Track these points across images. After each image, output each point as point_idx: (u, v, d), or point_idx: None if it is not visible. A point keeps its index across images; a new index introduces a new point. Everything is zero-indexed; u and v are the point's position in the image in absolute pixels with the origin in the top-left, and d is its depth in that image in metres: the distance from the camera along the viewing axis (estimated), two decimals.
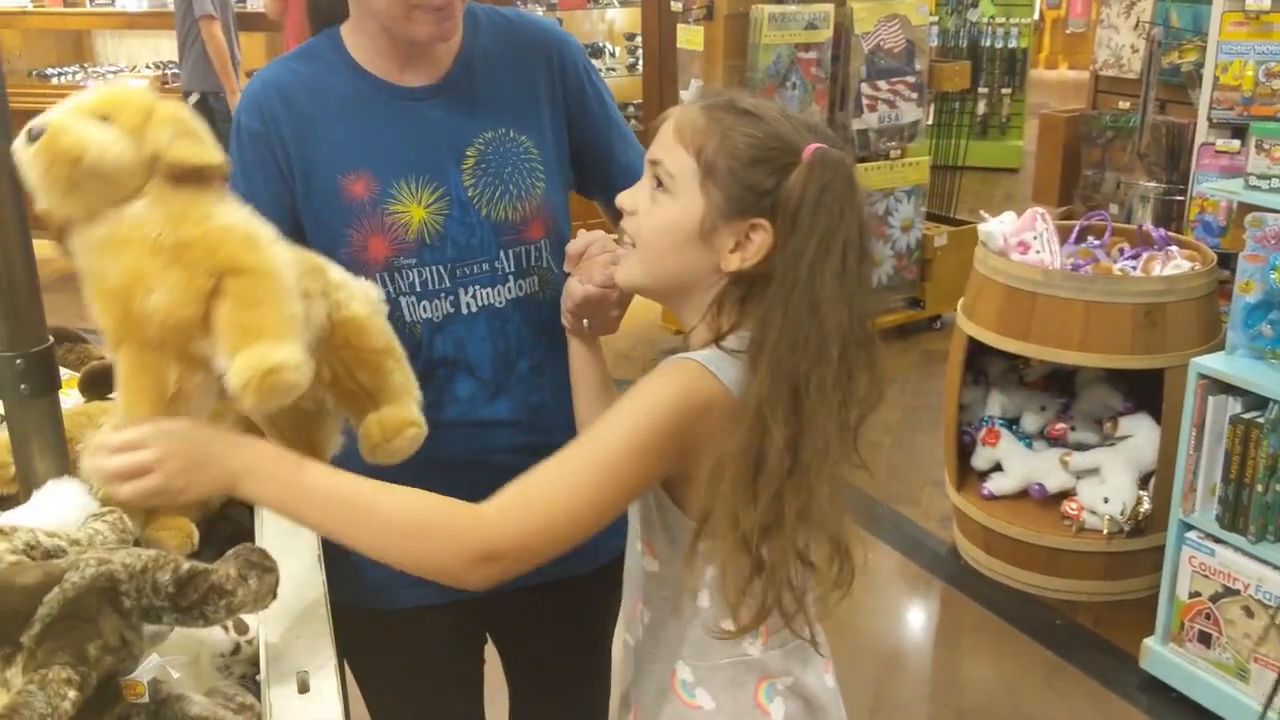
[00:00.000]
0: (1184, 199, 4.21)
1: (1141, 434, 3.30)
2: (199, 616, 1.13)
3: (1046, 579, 3.38)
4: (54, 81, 7.50)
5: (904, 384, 4.94)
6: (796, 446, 1.18)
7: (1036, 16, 10.13)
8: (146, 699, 1.14)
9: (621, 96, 7.09)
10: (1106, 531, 3.29)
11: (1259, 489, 2.66)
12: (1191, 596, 2.85)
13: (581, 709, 1.91)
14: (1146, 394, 3.29)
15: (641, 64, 6.96)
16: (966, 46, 8.35)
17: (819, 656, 1.37)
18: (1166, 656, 2.94)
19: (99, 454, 1.15)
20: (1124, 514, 3.27)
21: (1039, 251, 3.30)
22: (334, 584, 1.50)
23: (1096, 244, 3.47)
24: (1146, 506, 3.26)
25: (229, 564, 1.16)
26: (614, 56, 7.23)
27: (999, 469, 3.52)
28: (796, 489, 1.19)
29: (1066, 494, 3.42)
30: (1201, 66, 4.08)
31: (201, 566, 1.14)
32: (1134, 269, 3.30)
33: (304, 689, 1.20)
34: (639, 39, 6.99)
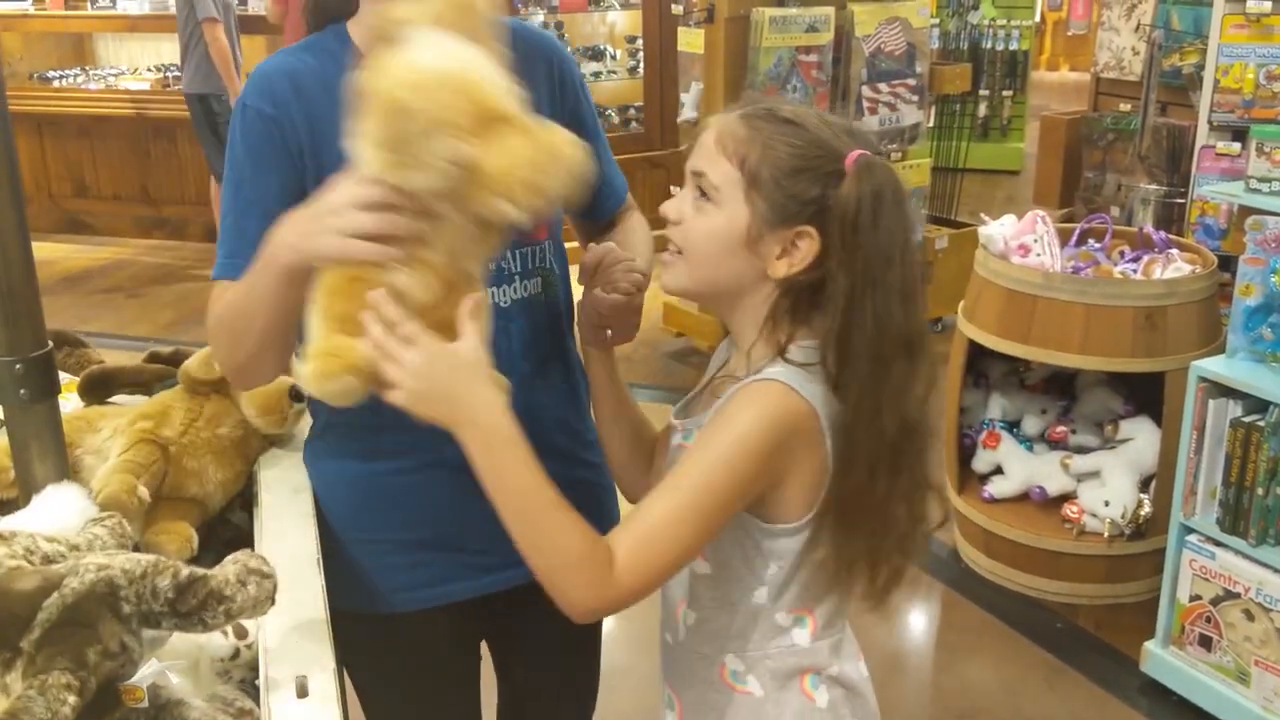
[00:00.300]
0: (1185, 202, 4.21)
1: (1142, 437, 3.30)
2: (198, 622, 1.13)
3: (1047, 582, 3.38)
4: (55, 84, 7.52)
5: None
6: (895, 445, 1.26)
7: (1038, 18, 10.14)
8: (146, 704, 1.14)
9: (622, 99, 7.10)
10: (1107, 534, 3.29)
11: (1259, 492, 2.66)
12: (1192, 600, 2.84)
13: (574, 697, 1.94)
14: (1147, 397, 3.29)
15: (642, 67, 6.96)
16: (967, 49, 8.34)
17: (855, 647, 1.44)
18: (1167, 660, 2.93)
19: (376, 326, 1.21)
20: (1125, 517, 3.27)
21: (1039, 254, 3.30)
22: (331, 588, 1.50)
23: (1097, 247, 3.47)
24: (1147, 509, 3.25)
25: (228, 569, 1.17)
26: (615, 59, 7.23)
27: (1000, 472, 3.51)
28: (894, 483, 1.27)
29: (1067, 497, 3.41)
30: (1202, 69, 4.08)
31: (201, 572, 1.14)
32: (1134, 272, 3.30)
33: (303, 693, 1.21)
34: (640, 42, 7.00)
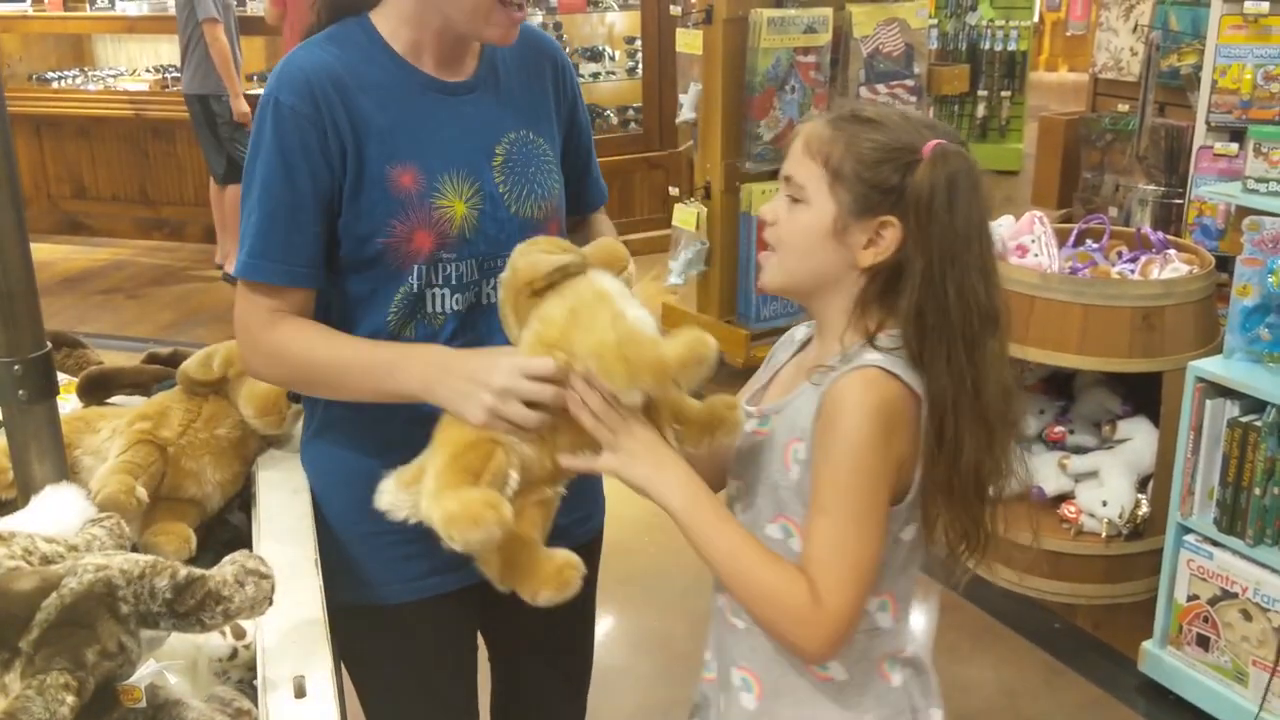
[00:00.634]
0: (1182, 202, 4.21)
1: (1140, 437, 3.30)
2: (196, 622, 1.13)
3: (1045, 582, 3.38)
4: (54, 85, 7.52)
5: None
6: (989, 419, 1.32)
7: (1036, 19, 10.13)
8: (144, 704, 1.14)
9: (621, 100, 7.10)
10: (1105, 534, 3.30)
11: (1257, 492, 2.66)
12: (1189, 599, 2.85)
13: (568, 685, 1.96)
14: (1145, 397, 3.29)
15: (641, 67, 6.96)
16: (966, 49, 8.35)
17: (921, 629, 1.51)
18: (1165, 659, 2.94)
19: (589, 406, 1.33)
20: (1122, 517, 3.27)
21: (1037, 255, 3.31)
22: (330, 584, 1.51)
23: (1095, 247, 3.47)
24: (1145, 510, 3.26)
25: (226, 570, 1.17)
26: (614, 60, 7.23)
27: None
28: (989, 454, 1.33)
29: (1065, 497, 3.42)
30: (1200, 69, 4.08)
31: (199, 573, 1.15)
32: (1132, 272, 3.30)
33: (300, 693, 1.21)
34: (639, 42, 7.00)
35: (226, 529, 1.77)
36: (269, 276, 1.51)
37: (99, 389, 1.87)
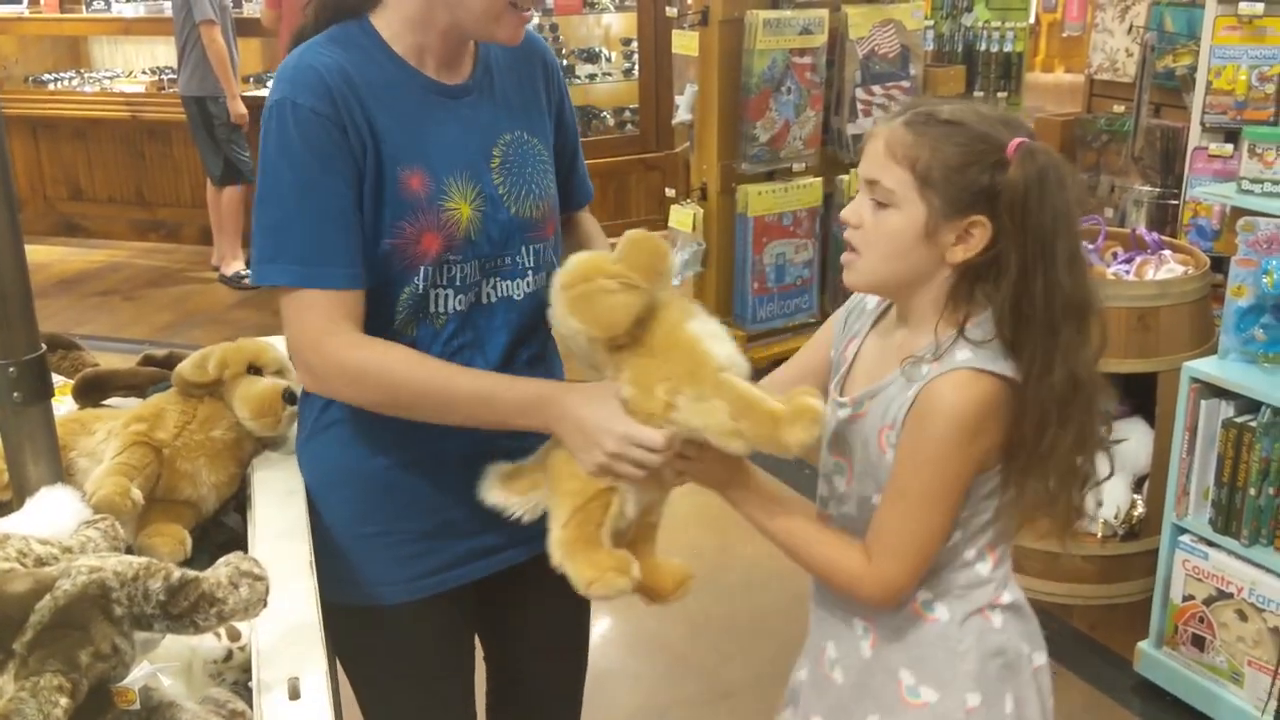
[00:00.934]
0: (1178, 203, 4.21)
1: (1135, 438, 3.30)
2: (190, 624, 1.14)
3: (1041, 582, 3.38)
4: (50, 87, 7.51)
5: None
6: (1063, 401, 1.39)
7: (1032, 20, 10.14)
8: (138, 706, 1.15)
9: (617, 101, 7.11)
10: (1100, 535, 3.30)
11: (1251, 492, 2.67)
12: (1185, 600, 2.85)
13: (565, 681, 1.97)
14: (1140, 398, 3.30)
15: (637, 69, 6.97)
16: (962, 51, 8.34)
17: (1013, 574, 1.59)
18: (1161, 660, 2.94)
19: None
20: (1118, 517, 3.28)
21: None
22: (328, 585, 1.51)
23: (1090, 248, 3.47)
24: (1140, 510, 3.26)
25: (220, 572, 1.17)
26: (610, 61, 7.24)
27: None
28: (1063, 433, 1.40)
29: None
30: (1195, 70, 4.09)
31: (193, 574, 1.15)
32: (1128, 273, 3.30)
33: (295, 695, 1.21)
34: (635, 44, 7.00)
35: (222, 531, 1.77)
36: (333, 282, 1.49)
37: (94, 391, 1.87)
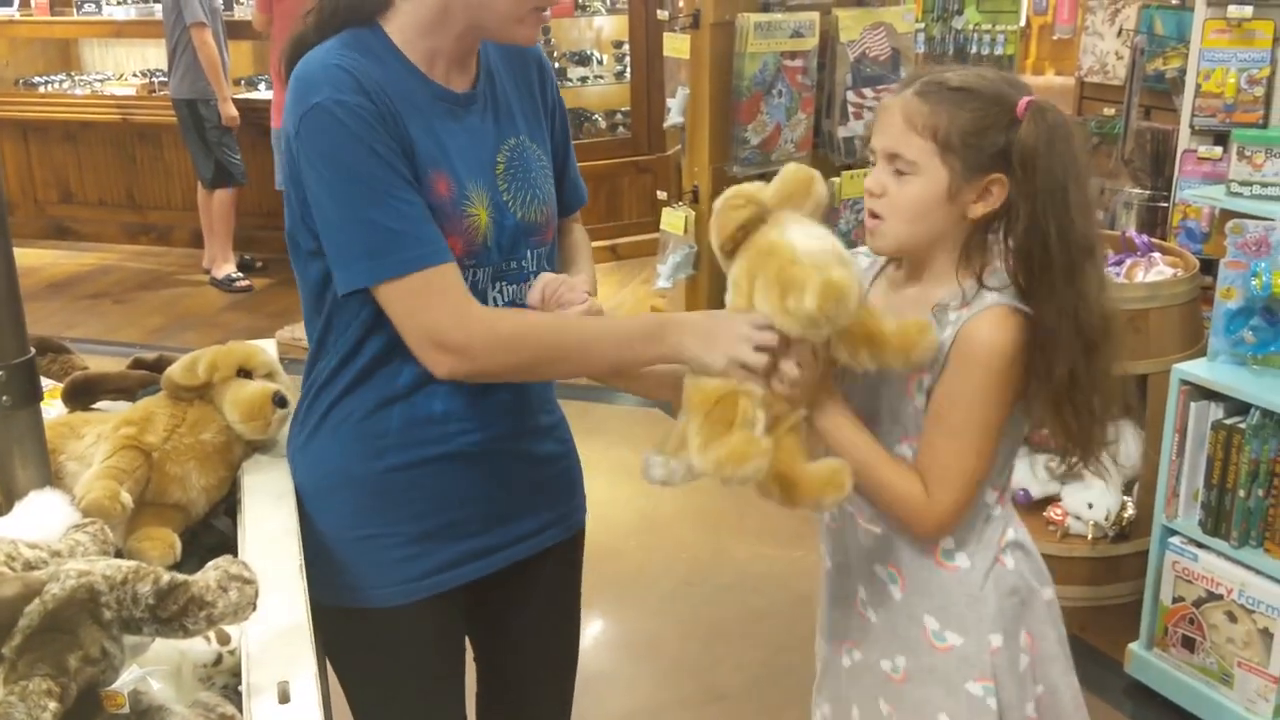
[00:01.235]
0: (1167, 205, 4.22)
1: (1125, 440, 3.32)
2: (179, 628, 1.13)
3: None
4: (41, 90, 7.50)
5: None
6: (1090, 338, 1.50)
7: (1023, 23, 10.15)
8: (127, 710, 1.14)
9: (609, 104, 7.11)
10: (1091, 537, 3.31)
11: (1241, 494, 2.67)
12: (1175, 601, 2.86)
13: (556, 676, 1.97)
14: (1130, 400, 3.30)
15: (629, 72, 6.97)
16: (953, 54, 8.35)
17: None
18: (1151, 661, 2.95)
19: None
20: (1108, 519, 3.28)
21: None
22: (322, 588, 1.51)
23: None
24: (1130, 512, 3.27)
25: (209, 575, 1.17)
26: (601, 64, 7.24)
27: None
28: (1091, 372, 1.53)
29: (1051, 500, 3.43)
30: (1185, 73, 4.10)
31: (182, 578, 1.15)
32: (1117, 275, 3.31)
33: (285, 699, 1.21)
34: (626, 47, 7.01)
35: (212, 534, 1.77)
36: (445, 256, 1.48)
37: (84, 394, 1.87)
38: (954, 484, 1.55)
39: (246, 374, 1.78)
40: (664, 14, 5.45)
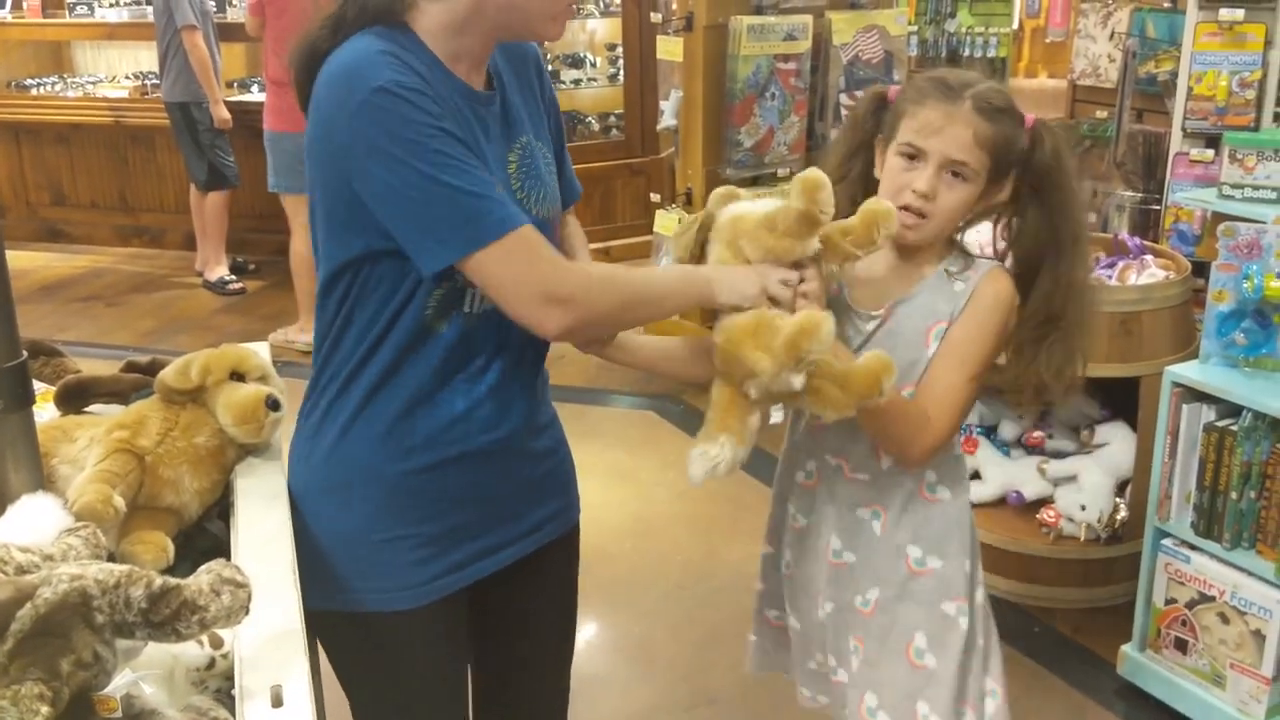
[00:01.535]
0: (1159, 208, 4.23)
1: (1118, 442, 3.32)
2: (172, 632, 1.13)
3: (1024, 586, 3.40)
4: (33, 92, 7.48)
5: None
6: (1062, 304, 1.75)
7: (1015, 26, 10.17)
8: (120, 714, 1.14)
9: (603, 107, 7.11)
10: (1083, 538, 3.32)
11: (1233, 496, 2.68)
12: (1168, 603, 2.86)
13: (556, 671, 1.97)
14: (1123, 402, 3.31)
15: (622, 74, 6.98)
16: (945, 56, 8.37)
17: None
18: (1144, 663, 2.95)
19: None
20: (1101, 521, 3.29)
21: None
22: (327, 590, 1.51)
23: None
24: (1123, 514, 3.28)
25: (202, 579, 1.17)
26: (595, 67, 7.25)
27: (977, 477, 3.53)
28: (1056, 328, 1.76)
29: (1044, 501, 3.44)
30: (1176, 76, 4.11)
31: (174, 582, 1.14)
32: (1110, 278, 3.32)
33: (278, 703, 1.21)
34: (620, 49, 7.01)
35: (205, 537, 1.77)
36: (526, 216, 1.49)
37: (76, 398, 1.87)
38: (953, 410, 1.76)
39: (240, 377, 1.78)
40: (657, 17, 5.47)
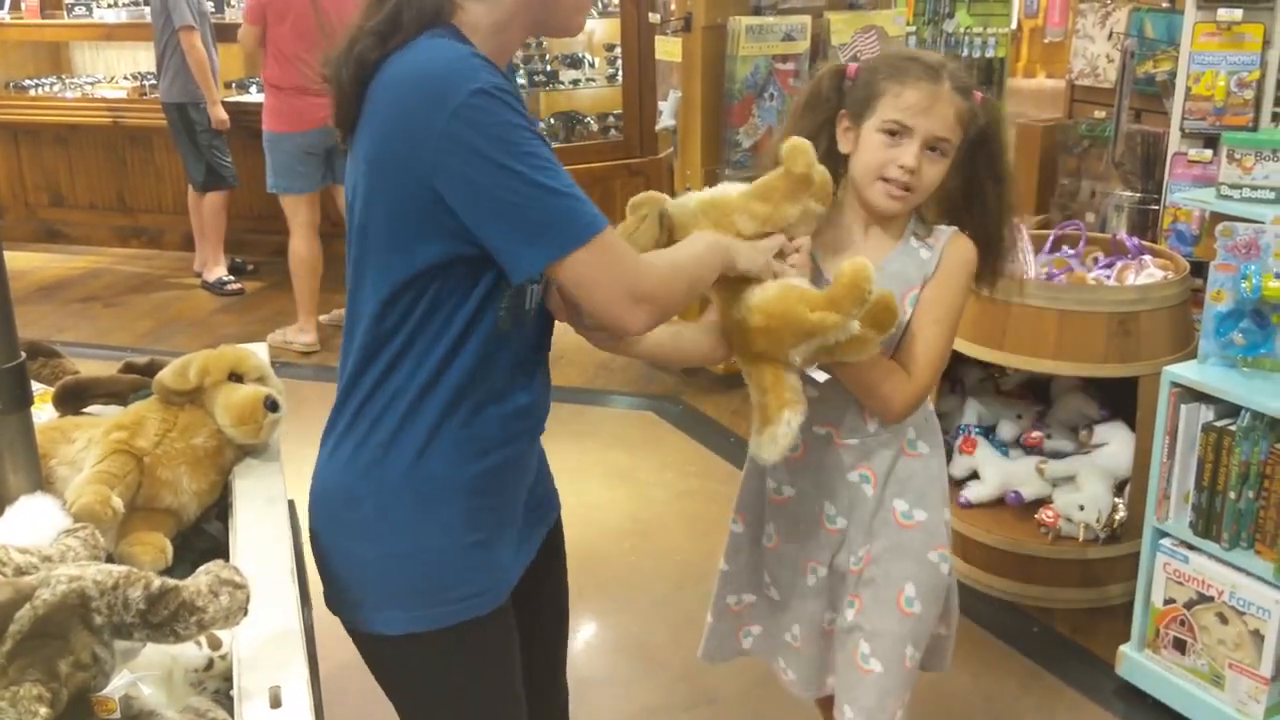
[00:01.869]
0: (1158, 208, 4.23)
1: (1116, 442, 3.32)
2: (170, 633, 1.13)
3: (1023, 586, 3.40)
4: (31, 93, 7.48)
5: None
6: (1010, 213, 2.01)
7: (1014, 26, 10.18)
8: (118, 715, 1.14)
9: (601, 107, 7.11)
10: (1082, 538, 3.32)
11: (1231, 496, 2.68)
12: (1166, 603, 2.87)
13: (556, 649, 1.98)
14: (1121, 402, 3.32)
15: (621, 75, 6.98)
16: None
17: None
18: (1142, 663, 2.95)
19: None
20: (1099, 521, 3.29)
21: (1013, 261, 3.32)
22: (413, 611, 1.53)
23: (1071, 253, 3.49)
24: (1122, 514, 3.28)
25: (200, 580, 1.17)
26: (593, 67, 7.24)
27: (976, 477, 3.54)
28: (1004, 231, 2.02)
29: (1043, 501, 3.43)
30: (1175, 76, 4.11)
31: (173, 583, 1.14)
32: (1108, 278, 3.32)
33: (276, 704, 1.21)
34: (618, 50, 7.01)
35: (204, 538, 1.77)
36: (605, 219, 1.48)
37: (75, 399, 1.87)
38: (932, 365, 1.90)
39: (238, 378, 1.78)
40: (656, 17, 5.46)
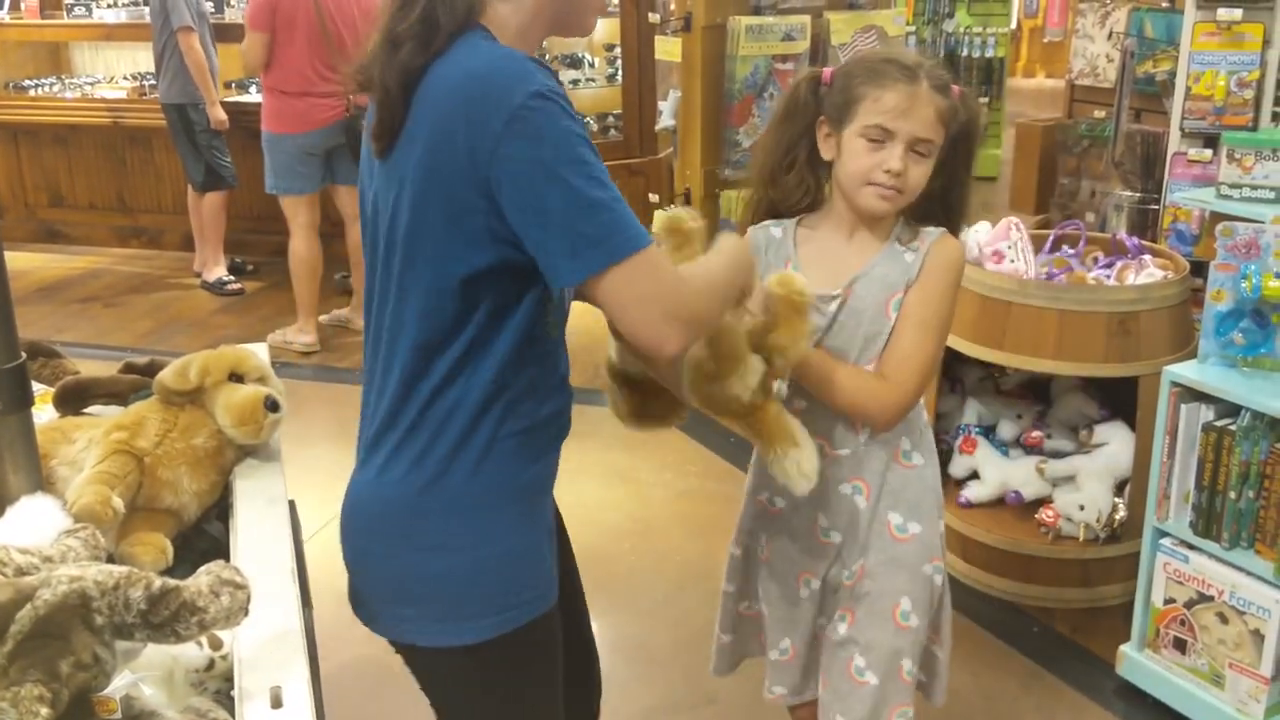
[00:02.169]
0: (1158, 208, 4.23)
1: (1116, 442, 3.32)
2: (171, 633, 1.13)
3: (1023, 586, 3.40)
4: (31, 93, 7.48)
5: None
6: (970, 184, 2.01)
7: (1013, 26, 10.19)
8: (119, 715, 1.14)
9: (601, 107, 7.11)
10: (1082, 538, 3.32)
11: (1231, 495, 2.68)
12: (1166, 603, 2.87)
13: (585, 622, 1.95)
14: (1121, 402, 3.31)
15: (620, 75, 6.98)
16: (943, 56, 8.39)
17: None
18: (1143, 663, 2.95)
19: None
20: (1099, 521, 3.29)
21: (1014, 261, 3.32)
22: (482, 619, 1.51)
23: (1071, 253, 3.49)
24: (1122, 513, 3.28)
25: (201, 580, 1.17)
26: (593, 67, 7.24)
27: (976, 477, 3.54)
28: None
29: (1043, 501, 3.44)
30: (1175, 76, 4.11)
31: (173, 583, 1.14)
32: (1108, 278, 3.32)
33: (277, 704, 1.21)
34: (618, 50, 7.01)
35: (204, 538, 1.77)
36: (649, 235, 1.43)
37: (75, 399, 1.87)
38: (918, 370, 1.85)
39: (238, 378, 1.78)
40: (655, 17, 5.46)
